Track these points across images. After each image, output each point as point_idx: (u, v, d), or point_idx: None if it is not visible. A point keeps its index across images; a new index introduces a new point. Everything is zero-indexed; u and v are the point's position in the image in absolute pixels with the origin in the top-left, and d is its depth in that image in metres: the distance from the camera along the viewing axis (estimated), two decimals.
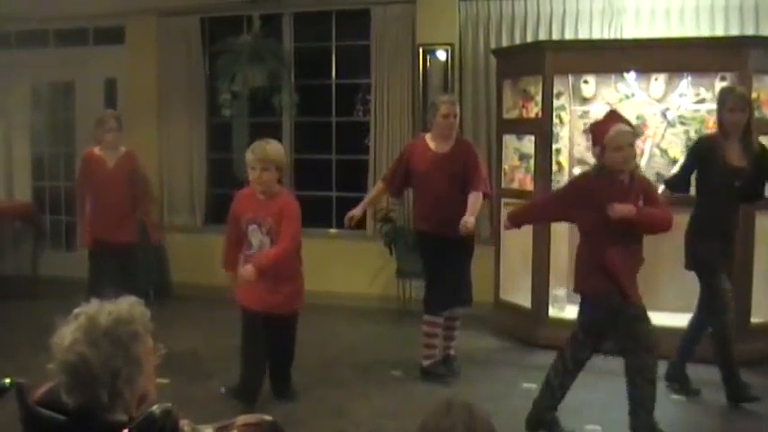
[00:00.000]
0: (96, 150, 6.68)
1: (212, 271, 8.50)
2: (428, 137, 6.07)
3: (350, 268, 8.28)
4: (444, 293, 5.92)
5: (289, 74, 8.56)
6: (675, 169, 6.30)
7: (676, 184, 5.81)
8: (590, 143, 6.97)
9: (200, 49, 8.90)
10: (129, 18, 9.09)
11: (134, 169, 6.79)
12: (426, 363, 5.99)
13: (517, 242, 7.10)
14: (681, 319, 6.59)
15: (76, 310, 2.16)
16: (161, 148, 9.04)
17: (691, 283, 5.77)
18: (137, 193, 6.80)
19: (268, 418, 2.44)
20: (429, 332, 5.97)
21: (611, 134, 4.62)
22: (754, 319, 6.41)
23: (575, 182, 5.26)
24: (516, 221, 5.39)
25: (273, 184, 5.34)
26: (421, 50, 8.08)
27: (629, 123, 4.91)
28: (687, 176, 5.68)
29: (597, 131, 4.76)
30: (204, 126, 8.99)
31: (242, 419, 2.39)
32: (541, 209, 5.58)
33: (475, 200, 5.84)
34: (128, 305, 2.19)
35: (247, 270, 5.09)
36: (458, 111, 6.06)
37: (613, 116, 4.92)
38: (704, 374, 5.77)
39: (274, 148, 5.30)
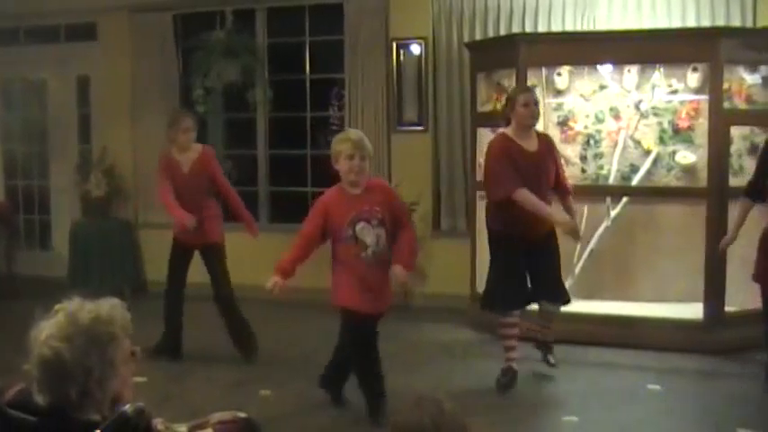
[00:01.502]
0: (173, 153, 6.31)
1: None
2: (510, 133, 5.59)
3: (324, 264, 8.23)
4: (509, 293, 5.59)
5: (262, 69, 8.54)
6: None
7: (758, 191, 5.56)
8: (565, 135, 7.07)
9: (174, 45, 8.86)
10: (101, 14, 9.02)
11: (212, 167, 6.39)
12: (504, 365, 5.70)
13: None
14: (656, 310, 6.66)
15: (57, 306, 2.16)
16: (135, 145, 8.98)
17: (665, 274, 5.81)
18: (222, 190, 6.42)
19: (243, 414, 2.43)
20: (502, 333, 5.73)
21: None
22: (728, 308, 6.46)
23: None
24: None
25: (368, 169, 4.91)
26: (395, 44, 8.07)
27: None
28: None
29: None
30: None
31: (216, 417, 2.38)
32: None
33: (573, 203, 5.75)
34: (109, 306, 2.18)
35: (401, 274, 4.78)
36: (537, 97, 5.74)
37: None
38: None
39: (365, 138, 4.96)
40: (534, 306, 5.82)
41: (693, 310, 6.49)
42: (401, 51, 8.07)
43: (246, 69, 8.32)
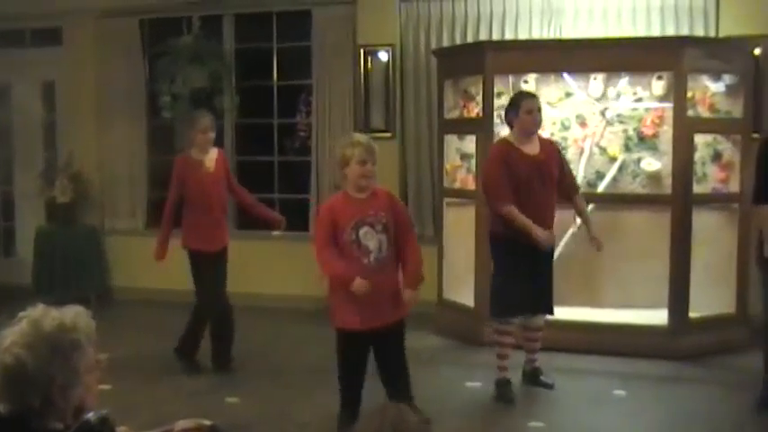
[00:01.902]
0: (192, 154, 6.21)
1: (154, 274, 8.46)
2: (512, 138, 5.61)
3: (293, 270, 8.23)
4: (513, 300, 5.54)
5: (230, 75, 8.51)
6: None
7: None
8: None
9: (140, 50, 8.81)
10: (67, 19, 8.94)
11: (228, 168, 6.41)
12: (498, 375, 5.67)
13: (460, 241, 7.14)
14: (621, 316, 6.71)
15: (21, 314, 2.14)
16: (100, 150, 8.91)
17: (630, 280, 5.85)
18: (235, 191, 6.39)
19: (207, 422, 2.42)
20: (499, 341, 5.66)
21: None
22: (693, 314, 6.52)
23: None
24: None
25: (376, 178, 4.79)
26: (362, 51, 8.08)
27: None
28: None
29: None
30: (144, 128, 8.90)
31: (180, 424, 2.37)
32: None
33: (584, 205, 5.78)
34: (73, 313, 2.17)
35: (412, 299, 4.72)
36: (540, 105, 5.69)
37: None
38: None
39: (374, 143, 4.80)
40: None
41: (658, 316, 6.54)
42: (369, 58, 8.08)
43: (214, 75, 8.29)
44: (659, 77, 6.81)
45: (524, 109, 5.50)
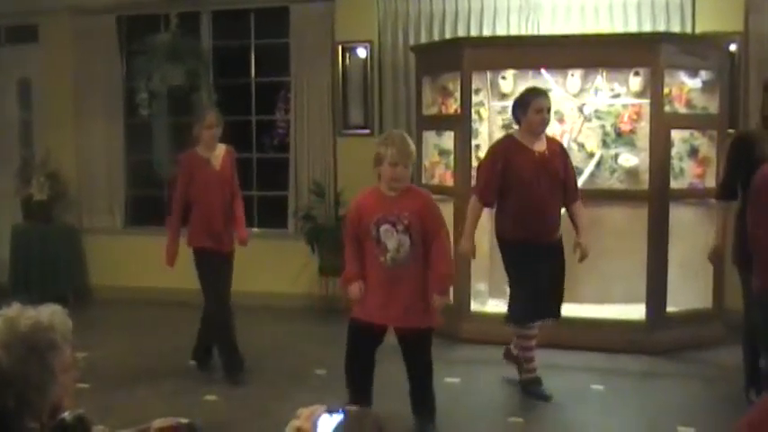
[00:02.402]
0: (199, 151, 6.02)
1: (133, 273, 8.45)
2: (518, 135, 5.55)
3: (272, 267, 8.22)
4: (531, 304, 5.47)
5: (207, 73, 8.48)
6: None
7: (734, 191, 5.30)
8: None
9: (117, 47, 8.76)
10: (43, 16, 8.88)
11: (234, 168, 6.20)
12: (524, 376, 5.64)
13: None
14: (599, 311, 6.74)
15: None
16: (78, 148, 8.86)
17: (608, 276, 5.88)
18: (234, 192, 6.17)
19: (184, 420, 2.41)
20: (524, 345, 5.62)
21: None
22: (670, 309, 6.56)
23: None
24: None
25: (409, 177, 4.76)
26: (340, 48, 8.08)
27: None
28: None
29: None
30: (122, 126, 8.84)
31: (158, 423, 2.36)
32: None
33: (582, 213, 5.61)
34: (49, 312, 2.15)
35: (441, 303, 4.69)
36: (551, 104, 5.60)
37: None
38: None
39: (412, 144, 4.74)
40: None
41: (636, 311, 6.58)
42: (347, 55, 8.08)
43: (191, 73, 8.24)
44: (636, 73, 6.85)
45: (534, 108, 5.40)
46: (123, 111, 8.80)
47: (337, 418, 1.69)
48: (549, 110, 5.50)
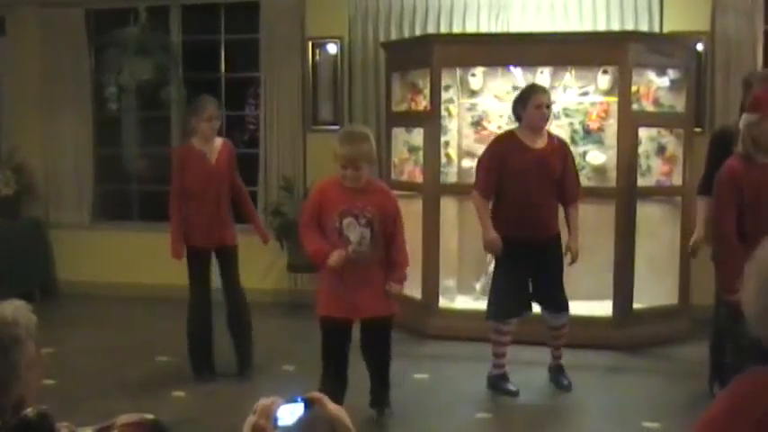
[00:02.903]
0: (195, 143, 5.80)
1: (101, 268, 8.39)
2: (518, 131, 5.55)
3: (241, 263, 8.15)
4: (512, 302, 5.51)
5: (177, 67, 8.42)
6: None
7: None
8: (479, 135, 7.13)
9: (86, 41, 8.68)
10: (10, 9, 8.77)
11: (233, 162, 5.99)
12: (493, 372, 5.67)
13: (407, 234, 7.10)
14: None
15: None
16: (45, 143, 8.77)
17: (575, 272, 5.90)
18: (237, 187, 6.01)
19: (149, 416, 2.40)
20: (497, 340, 5.62)
21: None
22: (637, 305, 6.61)
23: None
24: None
25: (365, 176, 4.77)
26: (310, 44, 8.07)
27: None
28: None
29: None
30: (90, 120, 8.77)
31: (122, 419, 2.34)
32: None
33: (576, 215, 5.59)
34: (13, 308, 2.14)
35: (395, 288, 4.82)
36: (551, 100, 5.63)
37: None
38: None
39: (368, 143, 4.74)
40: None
41: (603, 308, 6.63)
42: (317, 51, 8.08)
43: (160, 67, 8.19)
44: (605, 72, 6.89)
45: (533, 103, 5.41)
46: (92, 105, 8.73)
47: (297, 408, 1.66)
48: (548, 105, 5.52)
